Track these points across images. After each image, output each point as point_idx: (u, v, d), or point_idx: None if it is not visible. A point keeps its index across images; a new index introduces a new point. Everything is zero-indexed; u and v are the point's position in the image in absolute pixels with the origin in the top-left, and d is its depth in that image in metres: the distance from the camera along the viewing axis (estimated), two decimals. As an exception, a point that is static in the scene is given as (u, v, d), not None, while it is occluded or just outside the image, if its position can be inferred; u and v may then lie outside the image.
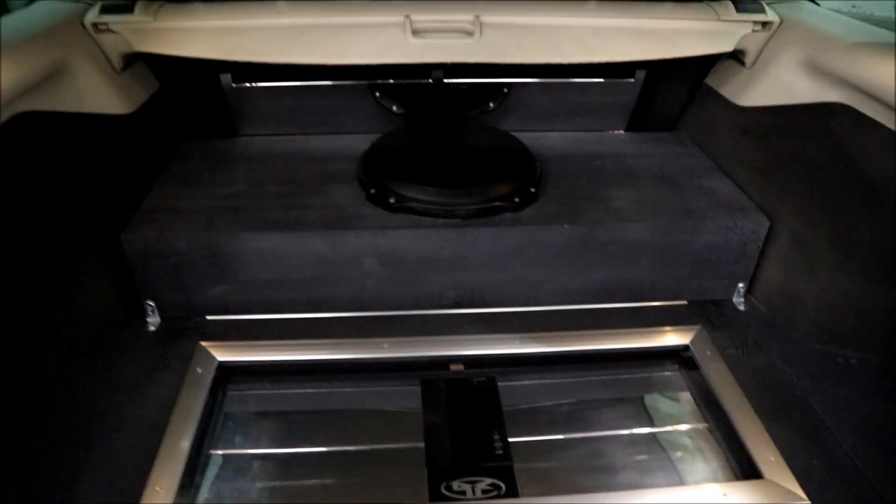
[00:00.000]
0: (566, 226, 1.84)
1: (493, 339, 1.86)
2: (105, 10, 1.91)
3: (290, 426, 1.71)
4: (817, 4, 2.23)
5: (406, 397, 1.73)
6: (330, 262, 1.83)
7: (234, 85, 2.18)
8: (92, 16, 1.90)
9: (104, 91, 1.94)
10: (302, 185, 2.00)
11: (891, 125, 1.70)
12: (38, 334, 1.62)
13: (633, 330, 1.92)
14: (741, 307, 2.02)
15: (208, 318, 1.90)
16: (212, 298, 1.87)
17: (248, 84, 2.19)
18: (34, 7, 1.97)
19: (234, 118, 2.29)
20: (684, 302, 2.03)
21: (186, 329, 1.86)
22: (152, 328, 1.87)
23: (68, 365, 1.68)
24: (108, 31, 1.91)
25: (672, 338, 1.90)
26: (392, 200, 1.85)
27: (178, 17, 1.92)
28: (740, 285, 2.03)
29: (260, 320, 1.90)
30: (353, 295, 1.89)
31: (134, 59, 2.07)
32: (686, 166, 2.20)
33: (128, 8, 1.90)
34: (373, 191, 1.90)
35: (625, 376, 1.88)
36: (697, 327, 1.92)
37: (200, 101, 2.25)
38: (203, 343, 1.80)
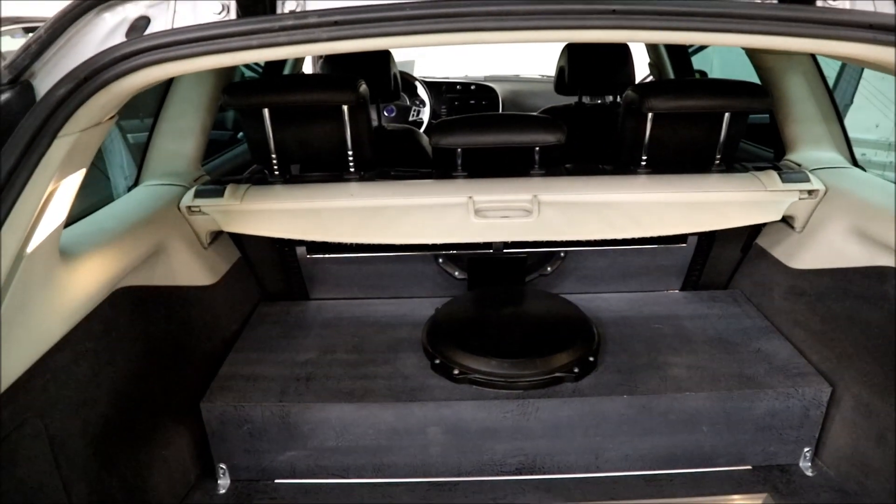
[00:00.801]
0: (626, 396, 1.89)
1: None
2: (199, 194, 2.14)
3: None
4: (863, 170, 2.33)
5: None
6: (396, 431, 1.91)
7: (308, 256, 2.37)
8: (187, 200, 2.14)
9: (193, 265, 2.15)
10: (370, 354, 2.12)
11: None
12: (113, 497, 1.73)
13: (698, 499, 1.90)
14: (809, 472, 1.99)
15: (277, 481, 1.99)
16: (281, 463, 1.96)
17: (320, 255, 2.37)
18: (136, 192, 2.23)
19: (307, 283, 2.46)
20: (749, 467, 2.01)
21: (255, 493, 1.94)
22: (222, 490, 1.96)
23: None
24: (200, 212, 2.14)
25: None
26: (456, 372, 1.94)
27: (262, 200, 2.14)
28: (806, 450, 2.00)
29: (327, 485, 1.97)
30: (417, 462, 1.95)
31: (218, 234, 2.29)
32: (742, 327, 2.24)
33: (219, 192, 2.13)
34: (437, 361, 2.01)
35: None
36: (763, 495, 1.90)
37: (276, 269, 2.44)
38: None
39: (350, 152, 2.22)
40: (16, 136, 1.17)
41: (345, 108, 2.12)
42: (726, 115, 2.14)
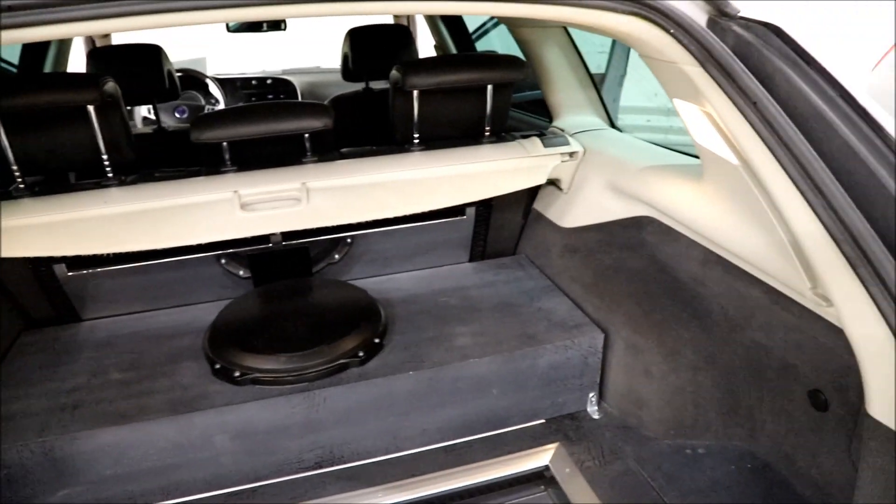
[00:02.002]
0: (411, 373, 1.91)
1: (357, 494, 1.85)
2: None
3: None
4: (620, 130, 2.51)
5: None
6: (180, 446, 1.80)
7: (69, 274, 2.16)
8: None
9: None
10: (147, 369, 1.97)
11: (687, 233, 1.91)
12: None
13: (494, 460, 1.97)
14: (596, 416, 2.12)
15: None
16: (56, 502, 1.79)
17: (85, 271, 2.18)
18: None
19: (76, 304, 2.26)
20: (542, 420, 2.11)
21: None
22: None
23: None
24: None
25: (533, 460, 1.97)
26: (237, 374, 1.86)
27: (4, 215, 1.92)
28: (591, 395, 2.13)
29: None
30: (209, 474, 1.85)
31: None
32: (526, 289, 2.34)
33: None
34: (217, 366, 1.91)
35: None
36: (556, 444, 2.00)
37: (36, 291, 2.21)
38: None
39: (104, 156, 2.05)
40: None
41: (90, 108, 1.95)
42: (489, 87, 2.21)
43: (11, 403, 1.85)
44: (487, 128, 2.30)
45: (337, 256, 2.42)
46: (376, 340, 2.01)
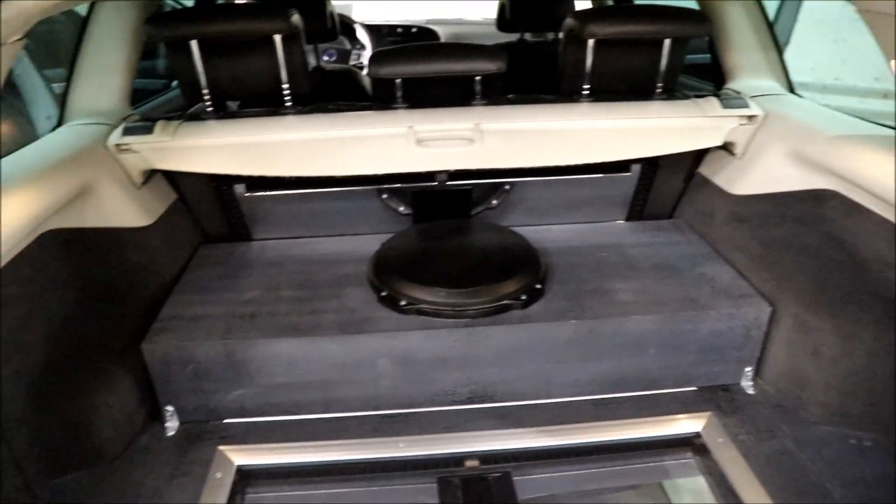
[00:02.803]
0: (573, 321, 1.90)
1: (507, 433, 1.89)
2: (127, 131, 2.04)
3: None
4: (800, 97, 2.36)
5: (423, 495, 1.75)
6: (345, 365, 1.88)
7: (247, 194, 2.29)
8: (115, 138, 2.03)
9: (125, 206, 2.05)
10: (316, 289, 2.07)
11: (877, 210, 1.78)
12: (57, 449, 1.67)
13: (645, 419, 1.95)
14: (750, 391, 2.05)
15: (226, 421, 1.95)
16: (230, 402, 1.92)
17: (260, 193, 2.29)
18: (59, 132, 2.11)
19: (249, 223, 2.39)
20: (694, 388, 2.07)
21: (205, 433, 1.90)
22: (171, 433, 1.91)
23: (90, 474, 1.72)
24: (130, 151, 2.04)
25: (684, 425, 1.93)
26: (403, 303, 1.92)
27: (194, 135, 2.05)
28: (747, 369, 2.06)
29: (277, 422, 1.94)
30: (367, 395, 1.93)
31: (152, 174, 2.19)
32: (686, 254, 2.27)
33: (148, 129, 2.04)
34: (384, 293, 1.98)
35: (639, 465, 1.90)
36: (708, 413, 1.95)
37: (215, 209, 2.36)
38: (221, 447, 1.84)
39: (285, 86, 2.14)
40: None
41: (277, 38, 2.04)
42: (667, 41, 2.13)
43: (197, 307, 1.99)
44: (660, 84, 2.23)
45: (495, 202, 2.43)
46: (538, 286, 2.01)
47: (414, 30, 4.95)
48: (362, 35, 4.74)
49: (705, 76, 2.96)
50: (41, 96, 3.10)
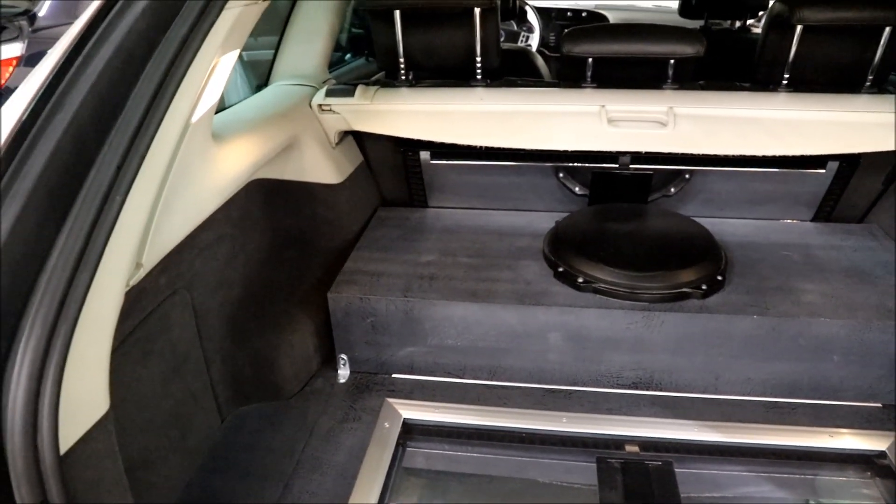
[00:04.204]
0: (755, 316, 1.83)
1: (670, 423, 1.86)
2: (330, 93, 2.18)
3: (464, 488, 1.78)
4: None
5: (580, 473, 1.76)
6: (517, 334, 1.92)
7: (431, 162, 2.37)
8: (319, 98, 2.18)
9: (322, 163, 2.20)
10: (492, 259, 2.12)
11: None
12: (245, 380, 1.83)
13: (821, 429, 1.84)
14: None
15: (395, 376, 2.05)
16: (400, 358, 2.02)
17: (444, 161, 2.38)
18: (268, 90, 2.29)
19: (427, 190, 2.49)
20: (878, 405, 1.93)
21: (374, 384, 2.02)
22: (342, 380, 2.03)
23: (271, 407, 1.88)
24: (331, 111, 2.18)
25: (867, 441, 1.81)
26: (580, 280, 1.93)
27: (391, 100, 2.15)
28: None
29: (443, 383, 2.02)
30: (534, 367, 1.97)
31: (345, 136, 2.33)
32: (881, 261, 2.12)
33: (349, 92, 2.17)
34: (561, 269, 1.99)
35: (811, 477, 1.80)
36: (894, 434, 1.82)
37: (397, 174, 2.47)
38: (389, 399, 1.95)
39: (478, 58, 2.19)
40: (188, 3, 1.19)
41: (476, 11, 2.09)
42: (887, 29, 1.98)
43: (379, 264, 2.10)
44: (870, 77, 2.07)
45: (673, 190, 2.37)
46: (719, 277, 1.95)
47: (584, 14, 4.89)
48: (532, 17, 4.74)
49: None
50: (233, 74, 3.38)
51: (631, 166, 2.29)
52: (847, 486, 1.79)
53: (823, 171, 2.26)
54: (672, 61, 2.11)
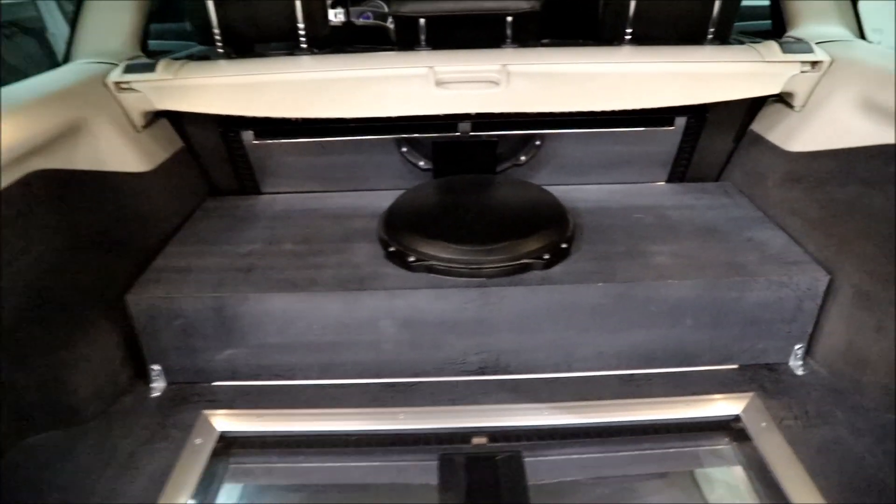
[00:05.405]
0: (601, 284, 1.70)
1: (520, 409, 1.71)
2: (128, 69, 1.92)
3: (292, 502, 1.60)
4: (868, 42, 2.09)
5: (422, 473, 1.59)
6: (344, 325, 1.72)
7: (255, 142, 2.14)
8: (115, 75, 1.91)
9: (123, 149, 1.93)
10: (321, 244, 1.92)
11: None
12: (30, 406, 1.56)
13: (676, 399, 1.74)
14: (799, 371, 1.82)
15: (216, 384, 1.81)
16: (220, 363, 1.78)
17: (270, 141, 2.14)
18: (62, 69, 2.00)
19: (258, 175, 2.25)
20: (734, 366, 1.85)
21: (192, 395, 1.77)
22: (156, 394, 1.78)
23: (65, 434, 1.61)
24: (130, 89, 1.91)
25: (722, 406, 1.72)
26: (411, 259, 1.74)
27: (199, 74, 1.92)
28: (797, 347, 1.83)
29: (270, 387, 1.79)
30: (368, 360, 1.77)
31: (156, 118, 2.06)
32: (733, 217, 2.04)
33: (150, 67, 1.91)
34: (392, 249, 1.80)
35: (668, 450, 1.70)
36: (750, 395, 1.74)
37: (223, 159, 2.22)
38: (205, 412, 1.71)
39: (300, 24, 1.97)
40: None
41: None
42: None
43: (192, 258, 1.86)
44: (712, 29, 2.00)
45: (523, 158, 2.23)
46: (563, 245, 1.81)
47: None
48: None
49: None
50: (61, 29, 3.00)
51: (473, 133, 2.13)
52: (704, 455, 1.71)
53: (672, 127, 2.17)
54: (509, 19, 1.96)
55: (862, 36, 2.14)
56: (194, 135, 2.18)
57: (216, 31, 1.97)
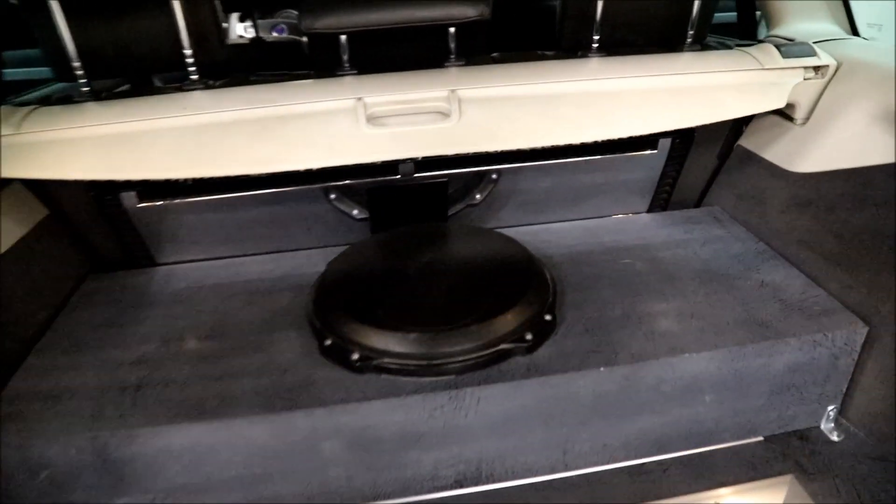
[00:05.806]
0: (602, 369, 1.33)
1: None
2: None
3: None
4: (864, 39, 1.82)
5: None
6: (275, 454, 1.29)
7: (140, 206, 1.68)
8: None
9: None
10: (235, 338, 1.47)
11: None
12: None
13: (702, 494, 1.39)
14: (834, 437, 1.51)
15: None
16: None
17: (160, 202, 1.69)
18: None
19: (149, 244, 1.78)
20: (759, 438, 1.52)
21: None
22: None
23: None
24: None
25: (756, 498, 1.38)
26: (355, 357, 1.33)
27: (51, 125, 1.44)
28: (830, 408, 1.52)
29: None
30: (311, 491, 1.35)
31: (5, 184, 1.58)
32: (735, 254, 1.72)
33: None
34: (328, 342, 1.38)
35: None
36: (788, 478, 1.41)
37: (101, 228, 1.74)
38: None
39: (187, 51, 1.53)
40: None
41: None
42: None
43: (62, 375, 1.38)
44: (691, 32, 1.67)
45: (478, 196, 1.84)
46: (547, 317, 1.43)
47: None
48: None
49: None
50: None
51: (417, 175, 1.73)
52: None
53: (655, 151, 1.82)
54: (452, 30, 1.57)
55: (855, 32, 1.86)
56: (62, 198, 1.70)
57: (75, 63, 1.51)
